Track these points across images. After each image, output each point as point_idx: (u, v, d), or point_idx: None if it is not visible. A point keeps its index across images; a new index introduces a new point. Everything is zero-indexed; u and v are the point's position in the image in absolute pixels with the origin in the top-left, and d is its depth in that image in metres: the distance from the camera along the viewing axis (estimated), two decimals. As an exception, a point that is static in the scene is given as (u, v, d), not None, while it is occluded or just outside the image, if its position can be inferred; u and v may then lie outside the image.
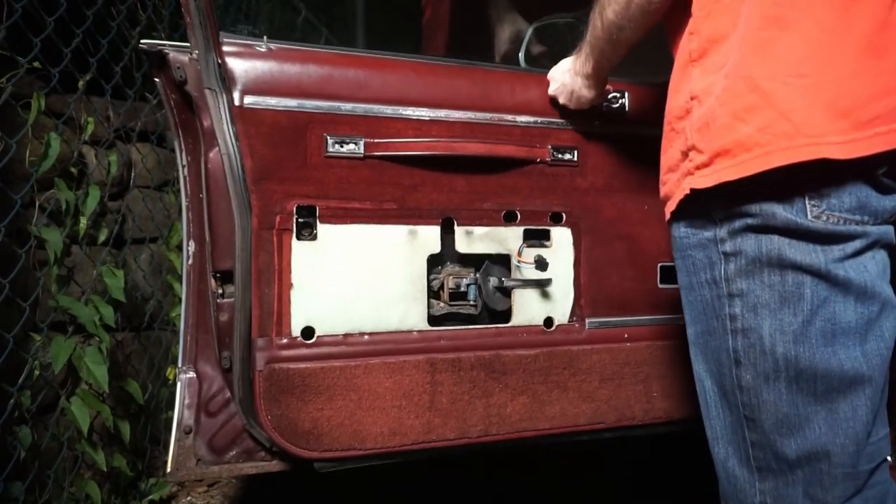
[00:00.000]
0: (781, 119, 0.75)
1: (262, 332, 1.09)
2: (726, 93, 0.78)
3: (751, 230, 0.79)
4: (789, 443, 0.81)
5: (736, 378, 0.84)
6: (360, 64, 1.15)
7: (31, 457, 1.47)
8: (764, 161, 0.75)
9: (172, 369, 1.99)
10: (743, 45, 0.78)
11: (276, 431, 1.09)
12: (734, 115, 0.78)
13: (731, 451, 0.87)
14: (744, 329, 0.82)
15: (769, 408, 0.82)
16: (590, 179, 1.28)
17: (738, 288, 0.82)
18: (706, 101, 0.81)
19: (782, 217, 0.77)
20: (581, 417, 1.26)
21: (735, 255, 0.81)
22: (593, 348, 1.27)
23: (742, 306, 0.82)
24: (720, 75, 0.80)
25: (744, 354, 0.83)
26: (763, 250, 0.79)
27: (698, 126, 0.82)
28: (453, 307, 1.22)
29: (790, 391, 0.80)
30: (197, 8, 1.01)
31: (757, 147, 0.76)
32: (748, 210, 0.79)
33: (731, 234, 0.81)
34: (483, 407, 1.20)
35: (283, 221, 1.10)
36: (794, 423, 0.81)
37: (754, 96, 0.76)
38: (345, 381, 1.12)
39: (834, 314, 0.79)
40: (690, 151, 0.83)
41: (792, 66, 0.76)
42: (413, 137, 1.16)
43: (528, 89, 1.24)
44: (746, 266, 0.81)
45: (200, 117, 1.18)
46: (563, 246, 1.27)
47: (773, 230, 0.78)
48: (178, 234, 2.06)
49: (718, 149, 0.78)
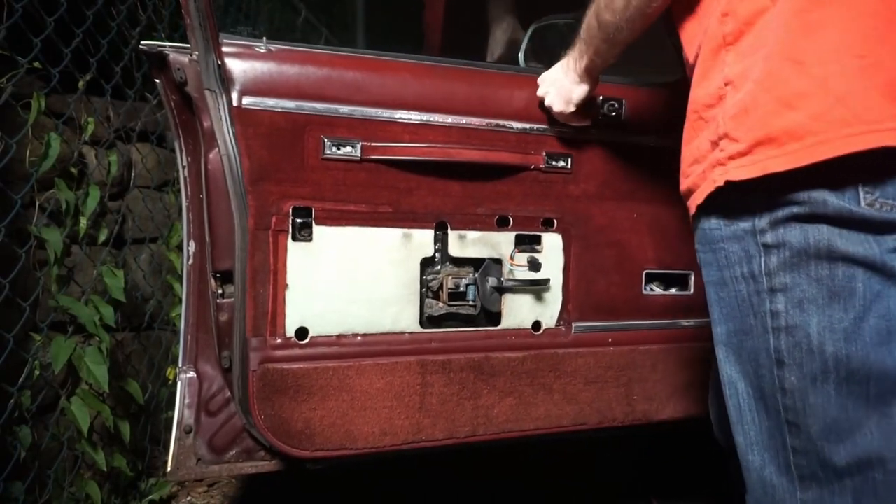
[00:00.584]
0: (838, 105, 0.70)
1: (256, 331, 1.10)
2: (771, 77, 0.73)
3: (796, 219, 0.74)
4: (838, 449, 0.76)
5: (778, 380, 0.78)
6: (359, 66, 1.16)
7: (31, 457, 1.47)
8: (818, 151, 0.70)
9: (172, 369, 1.99)
10: (789, 26, 0.73)
11: (268, 431, 1.10)
12: (781, 100, 0.72)
13: (769, 458, 0.82)
14: (788, 327, 0.76)
15: (816, 412, 0.76)
16: (582, 187, 1.29)
17: (781, 282, 0.76)
18: (743, 86, 0.76)
19: (833, 205, 0.71)
20: (565, 419, 1.28)
21: (778, 246, 0.75)
22: (578, 352, 1.29)
23: (786, 302, 0.76)
24: (757, 58, 0.75)
25: (787, 354, 0.77)
26: (810, 241, 0.73)
27: (734, 113, 0.76)
28: (452, 307, 1.23)
29: (840, 394, 0.75)
30: (197, 9, 1.01)
31: (809, 135, 0.70)
32: (794, 198, 0.73)
33: (772, 224, 0.75)
34: (471, 408, 1.22)
35: (280, 222, 1.10)
36: (843, 428, 0.75)
37: (805, 81, 0.71)
38: (337, 381, 1.13)
39: (888, 310, 0.73)
40: (722, 140, 0.78)
41: (847, 46, 0.71)
42: (409, 142, 1.16)
43: (527, 94, 1.24)
44: (791, 258, 0.75)
45: (200, 118, 1.18)
46: (554, 251, 1.29)
47: (823, 219, 0.72)
48: (178, 234, 2.06)
49: (761, 137, 0.73)
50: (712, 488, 1.92)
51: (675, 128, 1.33)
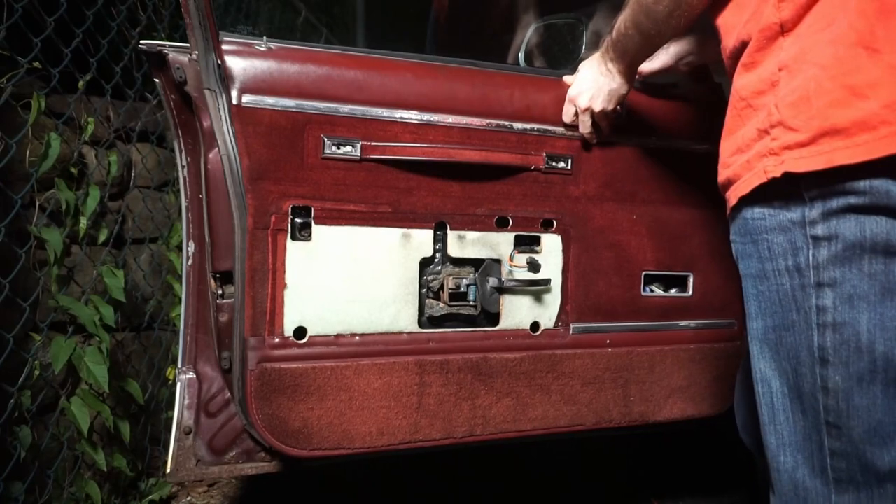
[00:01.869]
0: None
1: (254, 331, 1.10)
2: (840, 64, 0.69)
3: (853, 211, 0.70)
4: (881, 454, 0.73)
5: (820, 378, 0.75)
6: (359, 65, 1.15)
7: (31, 457, 1.47)
8: (893, 142, 0.67)
9: (172, 369, 1.99)
10: (863, 10, 0.69)
11: (266, 430, 1.10)
12: (852, 89, 0.69)
13: (802, 459, 0.79)
14: (835, 323, 0.73)
15: (860, 413, 0.73)
16: (582, 188, 1.29)
17: (830, 277, 0.72)
18: (802, 71, 0.72)
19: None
20: (562, 420, 1.28)
21: (829, 239, 0.72)
22: (576, 353, 1.29)
23: (834, 298, 0.73)
24: (820, 40, 0.71)
25: (833, 352, 0.74)
26: (867, 234, 0.70)
27: (792, 100, 0.72)
28: (453, 307, 1.22)
29: (887, 395, 0.73)
30: (197, 9, 1.00)
31: (883, 125, 0.67)
32: (853, 188, 0.69)
33: (825, 215, 0.72)
34: (469, 408, 1.22)
35: (279, 221, 1.10)
36: (889, 431, 0.73)
37: (879, 69, 0.68)
38: (335, 381, 1.13)
39: None
40: (775, 128, 0.74)
41: None
42: (410, 142, 1.16)
43: (528, 94, 1.24)
44: (843, 252, 0.71)
45: (200, 118, 1.18)
46: (553, 252, 1.28)
47: (883, 211, 0.69)
48: (178, 234, 2.06)
49: (828, 127, 0.69)
50: (712, 488, 1.92)
51: (675, 129, 1.34)
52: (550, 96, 1.24)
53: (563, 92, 1.24)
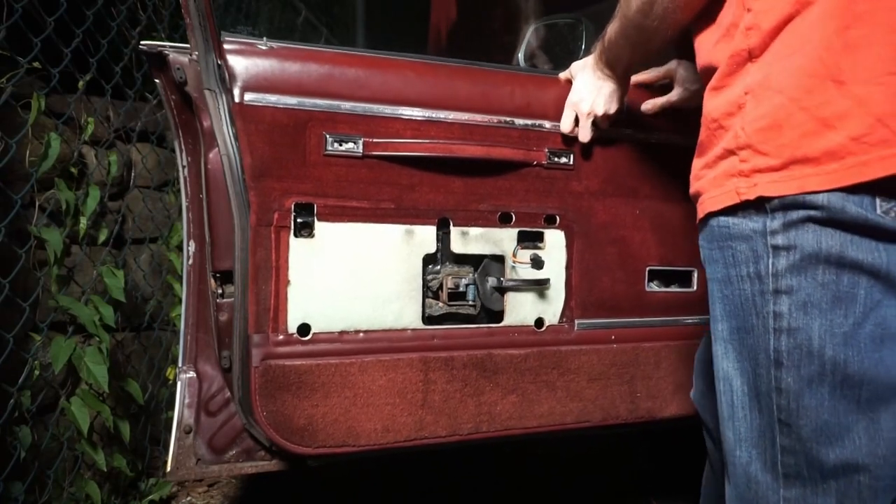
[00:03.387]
0: (879, 125, 0.70)
1: (258, 328, 1.09)
2: (811, 96, 0.72)
3: (812, 222, 0.74)
4: (827, 451, 0.77)
5: (774, 379, 0.79)
6: (361, 63, 1.15)
7: (31, 457, 1.47)
8: (858, 172, 0.71)
9: (172, 369, 1.99)
10: (829, 44, 0.72)
11: (271, 427, 1.10)
12: (822, 121, 0.72)
13: (756, 454, 0.83)
14: (790, 328, 0.77)
15: (809, 413, 0.77)
16: (584, 183, 1.29)
17: (787, 284, 0.76)
18: (767, 98, 0.76)
19: (851, 211, 0.72)
20: (568, 416, 1.28)
21: (788, 248, 0.76)
22: (581, 349, 1.29)
23: (790, 304, 0.76)
24: (785, 69, 0.74)
25: (787, 355, 0.78)
26: (822, 246, 0.74)
27: (761, 126, 0.76)
28: (452, 307, 1.22)
29: (833, 397, 0.76)
30: (197, 9, 1.01)
31: (850, 156, 0.71)
32: (812, 202, 0.73)
33: (785, 226, 0.75)
34: (474, 405, 1.21)
35: (281, 219, 1.10)
36: (834, 431, 0.77)
37: (846, 101, 0.71)
38: (340, 378, 1.13)
39: (885, 318, 0.75)
40: (743, 151, 0.78)
41: (888, 63, 0.70)
42: (411, 138, 1.16)
43: (528, 91, 1.24)
44: (800, 261, 0.75)
45: (200, 118, 1.18)
46: (556, 248, 1.28)
47: (838, 225, 0.73)
48: (178, 234, 2.06)
49: (799, 155, 0.73)
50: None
51: (677, 124, 1.34)
52: (551, 93, 1.25)
53: (564, 89, 1.24)
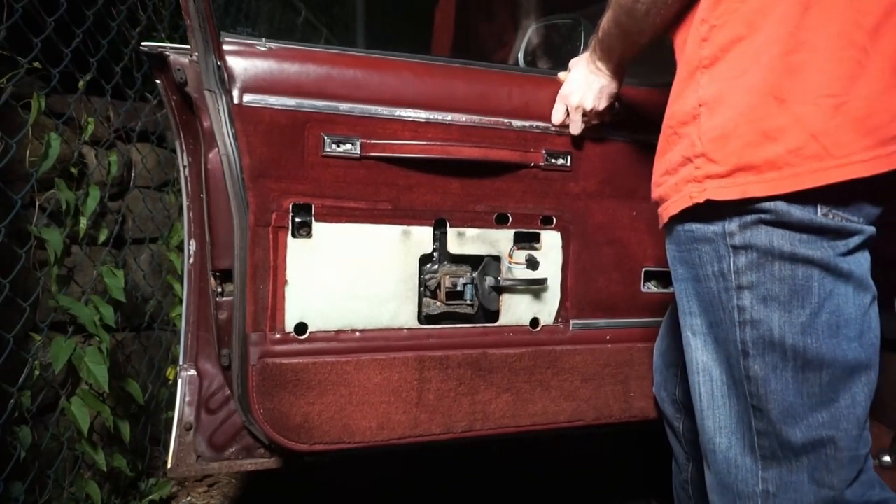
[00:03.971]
0: (812, 141, 0.78)
1: (256, 327, 1.10)
2: (755, 110, 0.80)
3: (763, 223, 0.81)
4: (794, 431, 0.84)
5: (744, 368, 0.86)
6: (359, 64, 1.16)
7: (31, 457, 1.47)
8: (793, 182, 0.78)
9: (172, 369, 1.99)
10: (773, 66, 0.79)
11: (267, 424, 1.11)
12: (763, 133, 0.79)
13: (735, 440, 0.89)
14: (753, 321, 0.84)
15: (776, 397, 0.84)
16: (581, 184, 1.30)
17: (748, 280, 0.83)
18: (719, 111, 0.83)
19: (796, 214, 0.79)
20: (562, 415, 1.29)
21: (745, 248, 0.83)
22: (576, 349, 1.30)
23: (751, 298, 0.83)
24: (736, 87, 0.81)
25: (752, 346, 0.84)
26: (775, 244, 0.81)
27: (713, 136, 0.83)
28: (450, 306, 1.23)
29: (797, 381, 0.83)
30: (197, 10, 1.01)
31: (787, 167, 0.78)
32: (761, 207, 0.80)
33: (741, 227, 0.82)
34: (468, 404, 1.22)
35: (280, 219, 1.11)
36: (799, 412, 0.84)
37: (785, 117, 0.79)
38: (336, 376, 1.14)
39: (838, 306, 0.82)
40: (697, 158, 0.84)
41: (822, 86, 0.78)
42: (409, 139, 1.17)
43: (526, 92, 1.24)
44: (758, 259, 0.82)
45: (200, 118, 1.19)
46: (553, 249, 1.29)
47: (787, 225, 0.80)
48: (178, 234, 2.06)
49: (743, 163, 0.80)
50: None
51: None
52: (548, 94, 1.25)
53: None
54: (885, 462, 1.44)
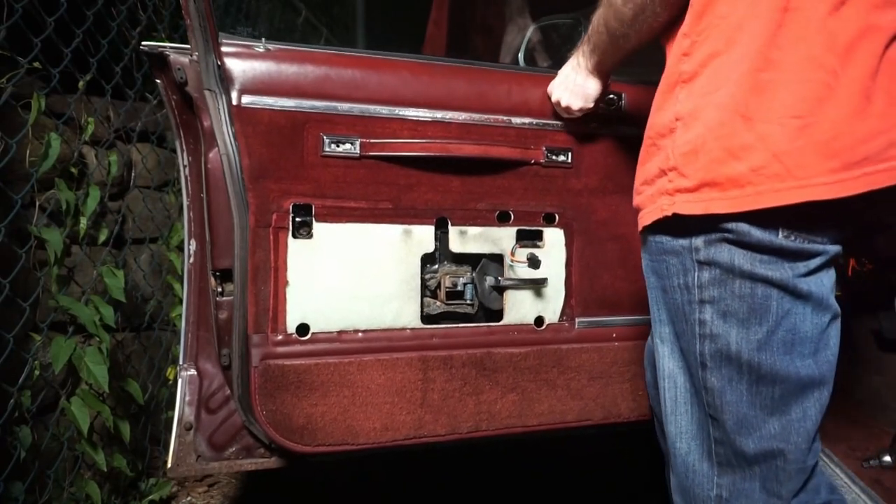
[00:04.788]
0: (774, 161, 0.78)
1: (257, 328, 1.10)
2: (722, 127, 0.80)
3: (726, 242, 0.83)
4: (747, 441, 0.87)
5: (702, 379, 0.88)
6: (357, 64, 1.16)
7: (31, 457, 1.47)
8: (755, 200, 0.79)
9: (172, 369, 1.99)
10: (741, 83, 0.80)
11: (270, 426, 1.11)
12: (728, 150, 0.80)
13: (694, 446, 0.92)
14: (712, 335, 0.86)
15: (731, 408, 0.86)
16: (583, 181, 1.29)
17: (710, 295, 0.85)
18: (693, 127, 0.83)
19: (756, 236, 0.81)
20: (569, 414, 1.28)
21: (709, 263, 0.84)
22: (582, 347, 1.29)
23: (712, 313, 0.85)
24: (709, 103, 0.82)
25: (710, 358, 0.87)
26: (736, 262, 0.83)
27: (684, 151, 0.84)
28: (450, 306, 1.23)
29: (751, 394, 0.86)
30: (197, 11, 1.01)
31: (749, 185, 0.79)
32: (724, 227, 0.82)
33: (706, 244, 0.84)
34: (473, 404, 1.22)
35: (280, 219, 1.11)
36: (752, 423, 0.86)
37: (750, 136, 0.79)
38: (339, 377, 1.13)
39: (794, 325, 0.84)
40: (670, 172, 0.86)
41: (788, 107, 0.78)
42: (409, 138, 1.17)
43: (525, 90, 1.24)
44: (720, 275, 0.84)
45: (201, 118, 1.19)
46: (556, 246, 1.28)
47: (747, 246, 0.82)
48: (178, 234, 2.06)
49: (708, 179, 0.81)
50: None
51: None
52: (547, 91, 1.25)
53: None
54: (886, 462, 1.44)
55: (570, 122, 1.26)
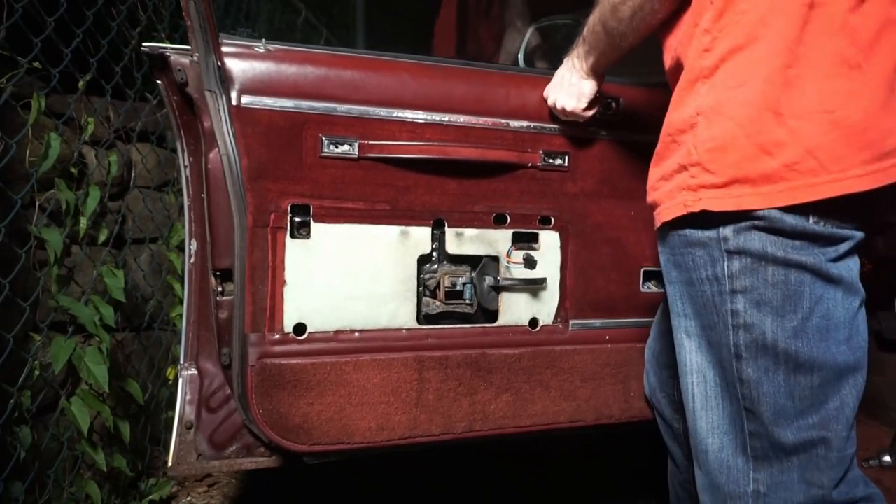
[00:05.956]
0: (808, 156, 0.79)
1: (254, 327, 1.11)
2: (752, 123, 0.81)
3: (756, 230, 0.82)
4: (786, 433, 0.86)
5: (737, 371, 0.87)
6: (356, 65, 1.16)
7: (31, 457, 1.47)
8: (789, 196, 0.80)
9: (172, 369, 2.00)
10: (771, 79, 0.80)
11: (266, 425, 1.11)
12: (760, 146, 0.80)
13: (727, 441, 0.91)
14: (746, 324, 0.85)
15: (768, 399, 0.86)
16: (580, 184, 1.30)
17: (742, 285, 0.84)
18: (717, 121, 0.83)
19: (788, 222, 0.81)
20: (561, 415, 1.29)
21: (739, 252, 0.84)
22: (576, 349, 1.30)
23: (745, 303, 0.84)
24: (734, 98, 0.82)
25: (745, 349, 0.86)
26: (768, 249, 0.82)
27: (711, 146, 0.83)
28: (449, 306, 1.23)
29: (788, 384, 0.85)
30: (197, 11, 1.01)
31: (783, 181, 0.80)
32: (755, 214, 0.82)
33: (735, 232, 0.83)
34: (468, 404, 1.22)
35: (278, 219, 1.11)
36: (791, 414, 0.85)
37: (782, 131, 0.79)
38: (335, 376, 1.14)
39: (828, 310, 0.84)
40: (693, 167, 0.85)
41: (819, 102, 0.79)
42: (407, 140, 1.17)
43: (523, 93, 1.24)
44: (752, 263, 0.83)
45: (201, 118, 1.19)
46: (551, 249, 1.29)
47: (778, 232, 0.82)
48: (178, 234, 2.06)
49: (739, 175, 0.81)
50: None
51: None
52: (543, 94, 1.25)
53: None
54: (885, 462, 1.44)
55: (567, 125, 1.26)
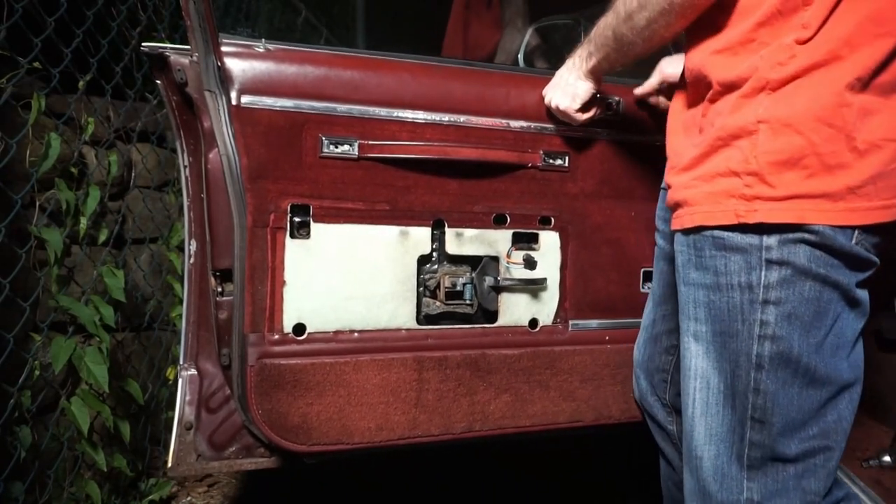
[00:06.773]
0: (870, 182, 0.82)
1: (254, 327, 1.11)
2: (826, 143, 0.81)
3: (805, 244, 0.83)
4: (790, 444, 0.87)
5: (753, 381, 0.87)
6: (356, 65, 1.16)
7: (31, 457, 1.47)
8: (847, 216, 0.82)
9: (172, 369, 2.00)
10: (847, 102, 0.81)
11: (266, 425, 1.11)
12: (827, 167, 0.81)
13: (723, 448, 0.91)
14: (774, 336, 0.85)
15: (781, 410, 0.87)
16: (580, 185, 1.30)
17: (776, 296, 0.84)
18: (784, 134, 0.82)
19: (840, 240, 0.82)
20: (561, 416, 1.29)
21: (781, 263, 0.83)
22: (575, 349, 1.30)
23: (776, 314, 0.85)
24: (807, 115, 0.81)
25: (768, 360, 0.86)
26: (812, 265, 0.83)
27: (774, 159, 0.82)
28: (449, 306, 1.23)
29: (801, 397, 0.87)
30: (197, 11, 1.01)
31: (842, 202, 0.82)
32: (808, 227, 0.82)
33: (781, 243, 0.83)
34: (467, 404, 1.22)
35: (278, 220, 1.11)
36: (797, 424, 0.87)
37: (852, 156, 0.81)
38: (334, 377, 1.14)
39: (841, 329, 0.86)
40: (749, 176, 0.84)
41: (887, 130, 0.82)
42: (407, 140, 1.17)
43: (523, 93, 1.24)
44: (791, 276, 0.83)
45: (201, 118, 1.19)
46: (551, 249, 1.29)
47: (827, 249, 0.83)
48: (178, 234, 2.06)
49: (803, 192, 0.82)
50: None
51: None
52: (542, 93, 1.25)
53: None
54: (885, 462, 1.44)
55: (568, 126, 1.26)
